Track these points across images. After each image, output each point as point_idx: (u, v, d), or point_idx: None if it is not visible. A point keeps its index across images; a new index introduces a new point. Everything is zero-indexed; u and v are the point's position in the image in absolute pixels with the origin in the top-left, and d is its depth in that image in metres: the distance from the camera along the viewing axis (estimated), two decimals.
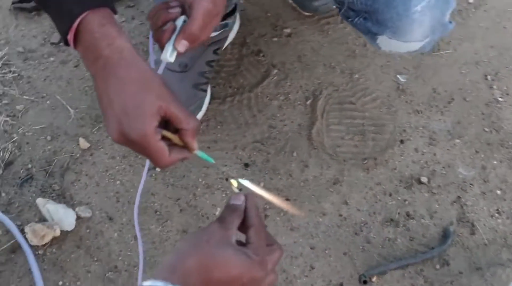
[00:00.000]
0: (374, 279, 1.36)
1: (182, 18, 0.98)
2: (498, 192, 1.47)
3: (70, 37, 0.90)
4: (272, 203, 1.43)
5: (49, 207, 1.38)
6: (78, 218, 1.40)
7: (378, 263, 1.38)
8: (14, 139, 1.51)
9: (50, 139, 1.52)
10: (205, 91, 1.56)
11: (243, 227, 0.92)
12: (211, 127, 1.56)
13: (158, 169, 1.48)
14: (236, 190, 0.98)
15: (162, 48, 0.98)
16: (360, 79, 1.66)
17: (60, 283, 1.33)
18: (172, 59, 0.98)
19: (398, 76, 1.67)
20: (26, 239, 1.36)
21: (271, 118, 1.58)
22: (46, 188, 1.45)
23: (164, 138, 0.92)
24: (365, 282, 1.34)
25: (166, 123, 0.93)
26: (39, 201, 1.40)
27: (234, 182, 0.99)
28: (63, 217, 1.38)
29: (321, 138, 1.55)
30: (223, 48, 1.63)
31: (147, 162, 1.21)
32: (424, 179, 1.49)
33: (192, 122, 0.91)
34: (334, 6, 1.39)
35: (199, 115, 1.55)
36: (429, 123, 1.59)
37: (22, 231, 1.37)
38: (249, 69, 1.66)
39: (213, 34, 1.52)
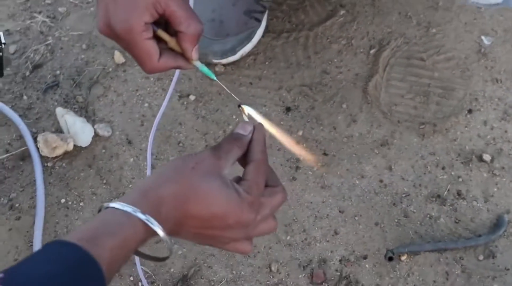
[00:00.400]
0: (404, 257, 1.19)
1: None
2: None
3: None
4: (304, 156, 1.28)
5: (67, 118, 1.28)
6: (96, 135, 1.30)
7: (413, 241, 1.21)
8: (48, 42, 1.41)
9: (85, 47, 1.41)
10: (259, 21, 1.40)
11: (244, 162, 0.78)
12: (259, 62, 1.41)
13: (191, 97, 1.35)
14: (246, 119, 0.83)
15: None
16: (437, 34, 1.45)
17: (63, 200, 1.24)
18: None
19: (482, 37, 1.45)
20: (37, 148, 1.27)
21: (326, 63, 1.41)
22: (69, 99, 1.35)
23: (159, 39, 0.79)
24: (390, 259, 1.17)
25: (166, 25, 0.80)
26: (59, 110, 1.30)
27: (245, 108, 0.85)
28: (80, 131, 1.28)
29: (378, 93, 1.37)
30: None
31: (174, 79, 1.07)
32: (486, 157, 1.29)
33: (194, 25, 0.77)
34: None
35: (248, 47, 1.39)
36: (508, 96, 1.37)
37: (35, 139, 1.28)
38: (314, 6, 1.49)
39: None
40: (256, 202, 0.74)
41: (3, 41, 1.11)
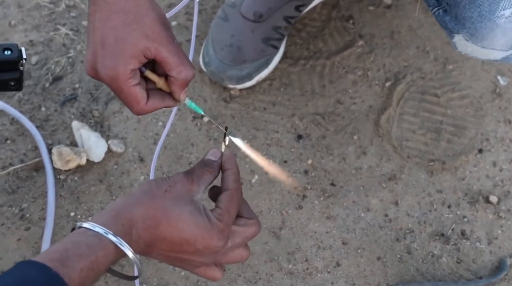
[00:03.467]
0: None
1: None
2: None
3: None
4: (312, 185, 1.30)
5: (82, 133, 1.31)
6: (109, 151, 1.32)
7: (413, 278, 1.23)
8: (69, 55, 1.44)
9: None
10: (277, 48, 1.42)
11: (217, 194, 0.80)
12: (274, 88, 1.42)
13: (205, 119, 1.38)
14: (223, 145, 0.85)
15: None
16: (453, 71, 1.46)
17: (72, 214, 1.27)
18: None
19: (499, 77, 1.46)
20: (51, 160, 1.30)
21: (341, 92, 1.43)
22: (86, 113, 1.37)
23: (146, 79, 0.80)
24: None
25: (154, 63, 0.81)
26: (75, 124, 1.33)
27: (232, 139, 0.87)
28: (94, 146, 1.30)
29: (390, 126, 1.38)
30: (310, 6, 1.48)
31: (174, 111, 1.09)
32: (493, 199, 1.30)
33: (185, 72, 0.79)
34: None
35: (264, 73, 1.41)
36: None
37: (50, 151, 1.31)
38: (333, 35, 1.50)
39: None
40: (226, 230, 0.76)
41: (24, 56, 1.14)
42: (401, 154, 1.35)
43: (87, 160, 1.30)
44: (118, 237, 0.70)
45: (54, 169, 1.29)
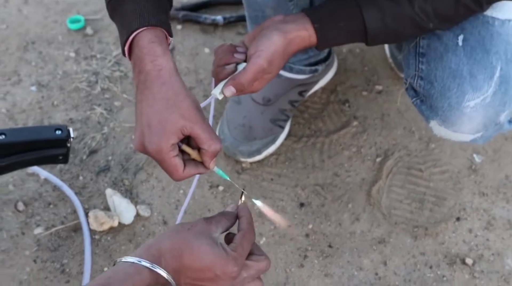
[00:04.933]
0: None
1: (243, 65, 1.07)
2: None
3: (126, 48, 1.01)
4: (312, 246, 1.50)
5: (114, 199, 1.53)
6: (137, 215, 1.54)
7: None
8: (104, 131, 1.67)
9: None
10: (282, 127, 1.65)
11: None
12: (280, 162, 1.65)
13: (220, 188, 1.59)
14: (240, 202, 1.05)
15: (216, 84, 1.08)
16: (435, 149, 1.69)
17: (106, 269, 1.47)
18: (220, 97, 1.07)
19: (474, 155, 1.68)
20: (88, 222, 1.51)
21: (338, 166, 1.65)
22: (117, 182, 1.59)
23: (183, 152, 1.00)
24: None
25: (189, 138, 1.01)
26: (108, 191, 1.55)
27: (256, 202, 1.07)
28: (124, 210, 1.52)
29: (380, 196, 1.60)
30: (311, 91, 1.72)
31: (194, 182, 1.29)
32: (469, 261, 1.50)
33: (214, 145, 0.98)
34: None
35: (271, 149, 1.64)
36: (492, 208, 1.59)
37: (87, 215, 1.52)
38: (331, 116, 1.74)
39: (302, 77, 1.62)
40: (240, 259, 0.93)
41: (72, 135, 1.37)
42: (389, 221, 1.56)
43: (119, 222, 1.52)
44: (152, 263, 0.88)
45: (90, 230, 1.50)
